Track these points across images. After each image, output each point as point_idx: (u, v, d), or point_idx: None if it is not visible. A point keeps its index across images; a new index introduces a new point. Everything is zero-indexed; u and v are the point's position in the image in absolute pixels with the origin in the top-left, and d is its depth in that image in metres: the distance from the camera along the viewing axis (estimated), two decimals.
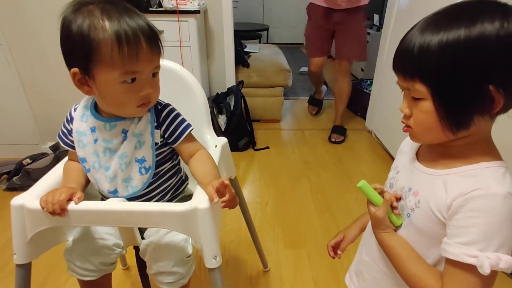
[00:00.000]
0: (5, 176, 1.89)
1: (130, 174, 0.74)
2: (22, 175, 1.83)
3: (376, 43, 2.92)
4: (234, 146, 2.30)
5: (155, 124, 0.75)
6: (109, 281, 0.93)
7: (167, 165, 0.80)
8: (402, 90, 0.54)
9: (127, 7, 0.64)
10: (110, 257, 0.83)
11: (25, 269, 0.73)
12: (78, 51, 0.62)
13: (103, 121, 0.72)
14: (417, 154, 0.61)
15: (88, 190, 0.80)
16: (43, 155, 1.96)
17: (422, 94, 0.49)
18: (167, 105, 0.78)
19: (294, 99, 3.34)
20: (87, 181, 0.78)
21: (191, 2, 1.88)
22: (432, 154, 0.57)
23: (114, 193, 0.76)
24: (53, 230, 0.76)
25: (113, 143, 0.73)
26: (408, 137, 0.68)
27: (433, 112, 0.49)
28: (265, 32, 5.21)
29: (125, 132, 0.73)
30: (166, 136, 0.76)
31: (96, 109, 0.74)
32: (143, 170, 0.75)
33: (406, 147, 0.66)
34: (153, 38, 0.65)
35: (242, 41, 3.03)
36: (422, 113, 0.50)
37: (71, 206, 0.65)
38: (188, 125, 0.78)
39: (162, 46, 0.68)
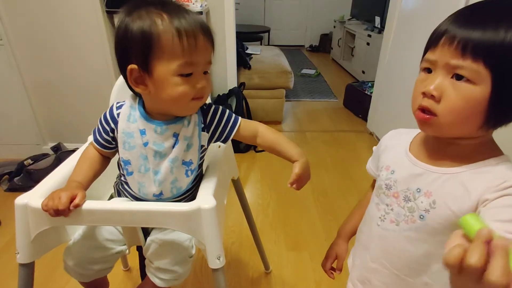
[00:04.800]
0: (6, 176, 1.89)
1: (177, 176, 0.74)
2: (23, 176, 1.83)
3: (377, 45, 2.93)
4: (236, 147, 2.29)
5: (202, 125, 0.75)
6: (105, 278, 0.93)
7: (200, 168, 0.81)
8: (428, 68, 0.50)
9: (181, 6, 0.67)
10: (108, 262, 0.83)
11: (28, 269, 0.73)
12: (138, 47, 0.63)
13: (154, 124, 0.71)
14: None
15: (91, 191, 0.79)
16: (45, 155, 1.96)
17: (478, 77, 0.44)
18: (211, 104, 0.78)
19: (296, 101, 3.35)
20: (95, 176, 0.76)
21: (193, 3, 1.89)
22: (433, 153, 0.55)
23: (159, 196, 0.75)
24: (56, 229, 0.76)
25: (164, 147, 0.71)
26: (390, 133, 0.67)
27: (479, 101, 0.45)
28: (267, 34, 5.22)
29: (176, 135, 0.72)
30: (216, 135, 0.77)
31: (144, 110, 0.73)
32: (189, 172, 0.75)
33: (391, 143, 0.64)
34: (208, 32, 0.67)
35: (243, 42, 3.04)
36: (463, 99, 0.46)
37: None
38: (236, 119, 0.78)
39: (214, 41, 0.69)
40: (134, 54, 0.64)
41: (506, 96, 0.44)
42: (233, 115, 0.78)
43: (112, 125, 0.74)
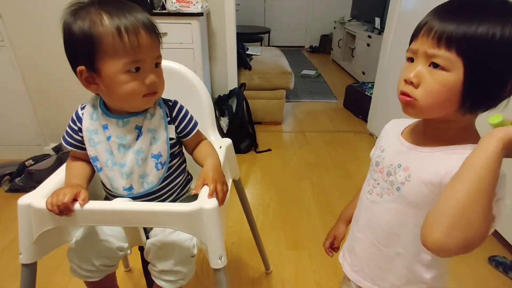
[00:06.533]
0: (8, 177, 1.89)
1: (146, 170, 0.75)
2: (24, 176, 1.84)
3: (377, 46, 2.93)
4: (236, 148, 2.27)
5: (168, 119, 0.77)
6: (114, 281, 0.93)
7: (176, 161, 0.82)
8: (411, 58, 0.55)
9: (123, 2, 0.67)
10: (112, 259, 0.84)
11: (30, 269, 0.73)
12: (82, 48, 0.65)
13: (115, 118, 0.73)
14: (401, 135, 0.66)
15: (93, 190, 0.80)
16: (46, 156, 1.96)
17: (451, 65, 0.49)
18: (176, 101, 0.81)
19: (296, 102, 3.35)
20: (88, 178, 0.77)
21: (194, 5, 1.90)
22: (420, 136, 0.62)
23: (129, 190, 0.76)
24: (58, 229, 0.76)
25: (127, 140, 0.73)
26: (392, 121, 0.73)
27: (453, 86, 0.50)
28: (267, 34, 5.23)
29: (138, 128, 0.74)
30: (178, 131, 0.79)
31: (105, 107, 0.75)
32: (159, 165, 0.76)
33: (390, 129, 0.71)
34: (151, 28, 0.67)
35: (244, 43, 3.05)
36: (439, 85, 0.51)
37: (78, 206, 0.65)
38: (196, 123, 0.82)
39: (160, 36, 0.70)
40: (80, 55, 0.66)
41: (477, 81, 0.49)
42: (194, 118, 0.82)
43: (79, 125, 0.76)
